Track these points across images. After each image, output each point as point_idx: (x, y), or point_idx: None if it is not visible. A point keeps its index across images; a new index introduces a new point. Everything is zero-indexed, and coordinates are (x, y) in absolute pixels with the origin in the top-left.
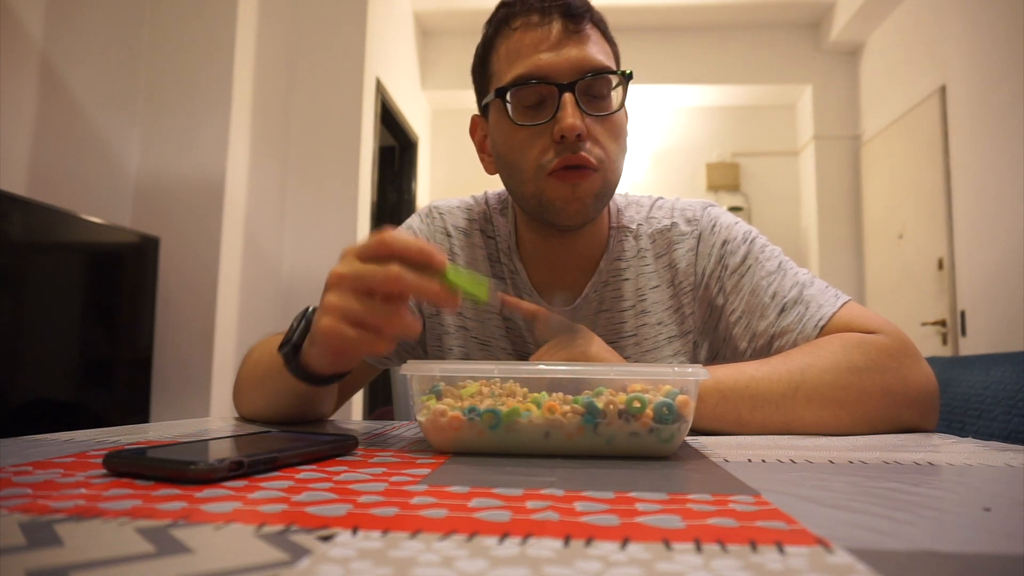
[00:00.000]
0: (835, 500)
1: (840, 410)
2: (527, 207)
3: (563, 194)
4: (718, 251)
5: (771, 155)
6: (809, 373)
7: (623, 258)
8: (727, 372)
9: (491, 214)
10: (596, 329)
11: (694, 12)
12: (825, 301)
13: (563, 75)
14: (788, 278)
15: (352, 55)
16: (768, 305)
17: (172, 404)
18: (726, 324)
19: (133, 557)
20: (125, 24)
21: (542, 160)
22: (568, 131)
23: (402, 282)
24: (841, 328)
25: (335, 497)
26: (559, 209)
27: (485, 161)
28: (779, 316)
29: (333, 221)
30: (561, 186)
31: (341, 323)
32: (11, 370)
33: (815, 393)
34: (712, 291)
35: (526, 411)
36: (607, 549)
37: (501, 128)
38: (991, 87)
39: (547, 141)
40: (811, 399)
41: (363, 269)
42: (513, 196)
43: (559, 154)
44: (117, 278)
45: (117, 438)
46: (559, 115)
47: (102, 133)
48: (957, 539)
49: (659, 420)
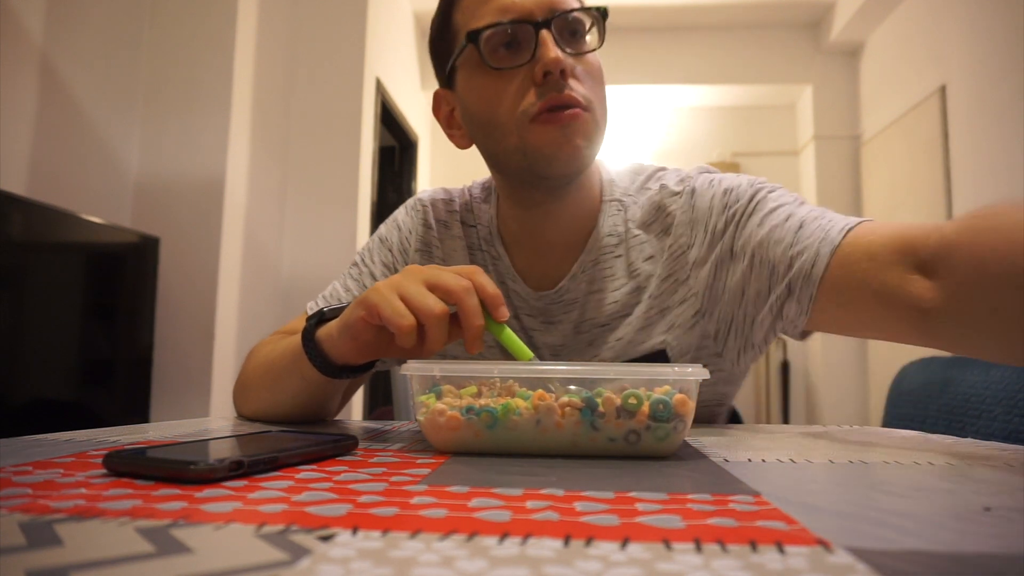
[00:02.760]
0: (835, 500)
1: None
2: (511, 164)
3: (552, 138)
4: (720, 201)
5: (771, 155)
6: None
7: (614, 232)
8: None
9: (472, 203)
10: (586, 311)
11: (694, 12)
12: (847, 219)
13: (536, 14)
14: (806, 207)
15: (352, 55)
16: (782, 227)
17: (172, 404)
18: (740, 277)
19: (133, 557)
20: (125, 24)
21: (523, 105)
22: (552, 65)
23: (466, 298)
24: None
25: (335, 497)
26: (549, 156)
27: (456, 136)
28: (796, 233)
29: (333, 221)
30: (549, 130)
31: (392, 291)
32: (11, 370)
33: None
34: (717, 247)
35: (517, 408)
36: (607, 549)
37: (473, 84)
38: (991, 87)
39: (527, 84)
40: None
41: (438, 272)
42: (495, 160)
43: (542, 95)
44: (117, 278)
45: (117, 438)
46: (539, 52)
47: (102, 133)
48: (957, 539)
49: (655, 417)
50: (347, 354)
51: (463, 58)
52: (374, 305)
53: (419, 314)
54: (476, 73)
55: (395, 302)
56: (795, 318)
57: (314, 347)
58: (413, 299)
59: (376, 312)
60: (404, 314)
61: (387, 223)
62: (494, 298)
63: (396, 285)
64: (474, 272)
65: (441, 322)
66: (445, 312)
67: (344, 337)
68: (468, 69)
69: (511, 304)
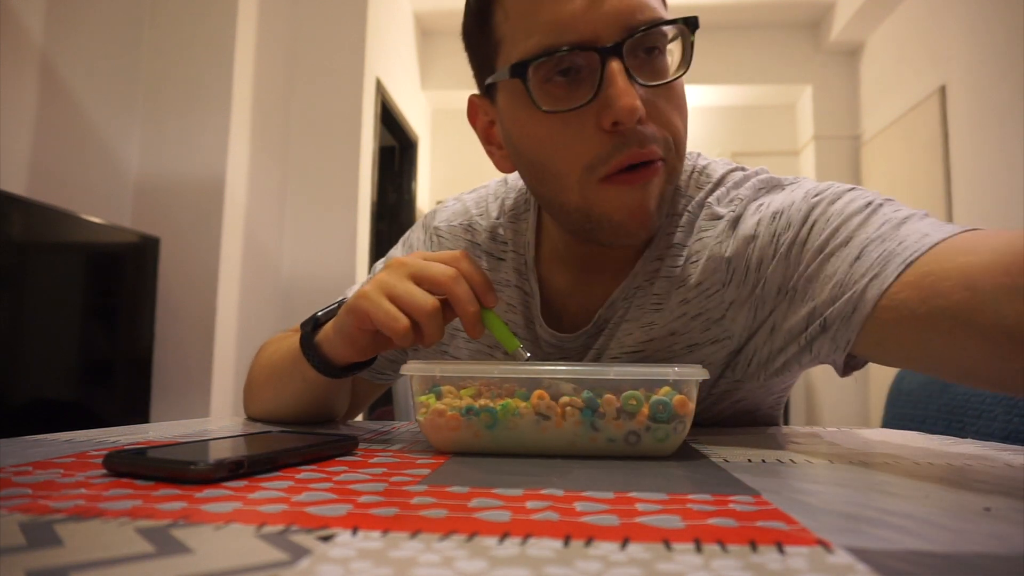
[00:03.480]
0: (835, 500)
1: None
2: (568, 223)
3: (625, 203)
4: (766, 229)
5: (771, 155)
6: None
7: (664, 256)
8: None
9: (501, 227)
10: (612, 343)
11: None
12: (924, 235)
13: (604, 34)
14: (877, 219)
15: (352, 55)
16: (838, 256)
17: (172, 404)
18: (777, 312)
19: (133, 557)
20: (125, 24)
21: (589, 159)
22: (626, 115)
23: (455, 287)
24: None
25: (335, 497)
26: (618, 224)
27: (496, 156)
28: (852, 267)
29: (333, 221)
30: (623, 193)
31: (380, 294)
32: (11, 370)
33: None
34: (760, 285)
35: (517, 408)
36: (607, 549)
37: (519, 116)
38: (991, 87)
39: (590, 129)
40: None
41: (423, 263)
42: (546, 207)
43: (618, 148)
44: (117, 278)
45: (117, 438)
46: (607, 93)
47: (102, 133)
48: (957, 539)
49: (654, 419)
50: (347, 356)
51: (504, 83)
52: (365, 312)
53: (411, 313)
54: (523, 107)
55: (385, 305)
56: (828, 355)
57: (313, 351)
58: (402, 298)
59: (368, 319)
60: (397, 316)
61: (403, 244)
62: (482, 284)
63: (383, 286)
64: (459, 259)
65: (435, 317)
66: (437, 307)
67: (341, 342)
68: (512, 96)
69: (541, 350)
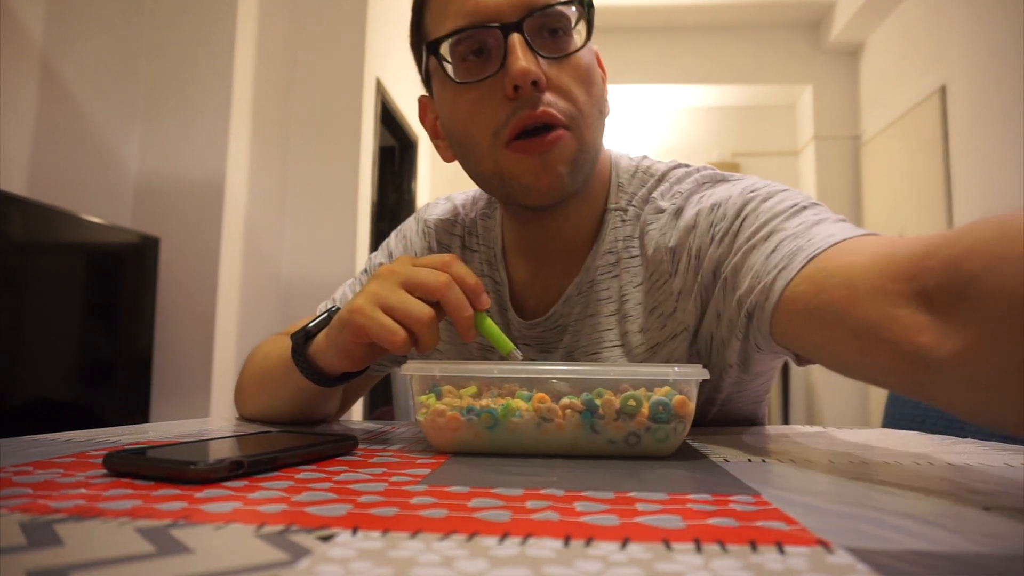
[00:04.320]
0: (835, 500)
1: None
2: (490, 189)
3: (529, 167)
4: (704, 219)
5: (771, 155)
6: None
7: (613, 250)
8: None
9: (477, 221)
10: (579, 337)
11: (694, 12)
12: (830, 235)
13: (506, 15)
14: (799, 218)
15: (352, 55)
16: (759, 248)
17: (172, 404)
18: (715, 300)
19: (133, 557)
20: (125, 24)
21: (495, 125)
22: (520, 77)
23: (448, 293)
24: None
25: (335, 497)
26: (527, 187)
27: (441, 147)
28: (768, 258)
29: (333, 221)
30: (525, 158)
31: (374, 306)
32: (11, 370)
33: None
34: (700, 273)
35: (517, 409)
36: (607, 549)
37: (444, 97)
38: (991, 87)
39: (498, 99)
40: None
41: (414, 270)
42: (474, 180)
43: (514, 113)
44: (117, 278)
45: (117, 438)
46: (507, 61)
47: (102, 133)
48: (956, 539)
49: (654, 419)
50: (342, 368)
51: (432, 67)
52: (360, 327)
53: (406, 323)
54: (446, 85)
55: (380, 318)
56: (765, 345)
57: (306, 363)
58: (397, 309)
59: (364, 333)
60: (393, 329)
61: (397, 234)
62: (474, 287)
63: (376, 297)
64: (450, 263)
65: (431, 327)
66: (432, 316)
67: (336, 354)
68: (439, 80)
69: (511, 335)
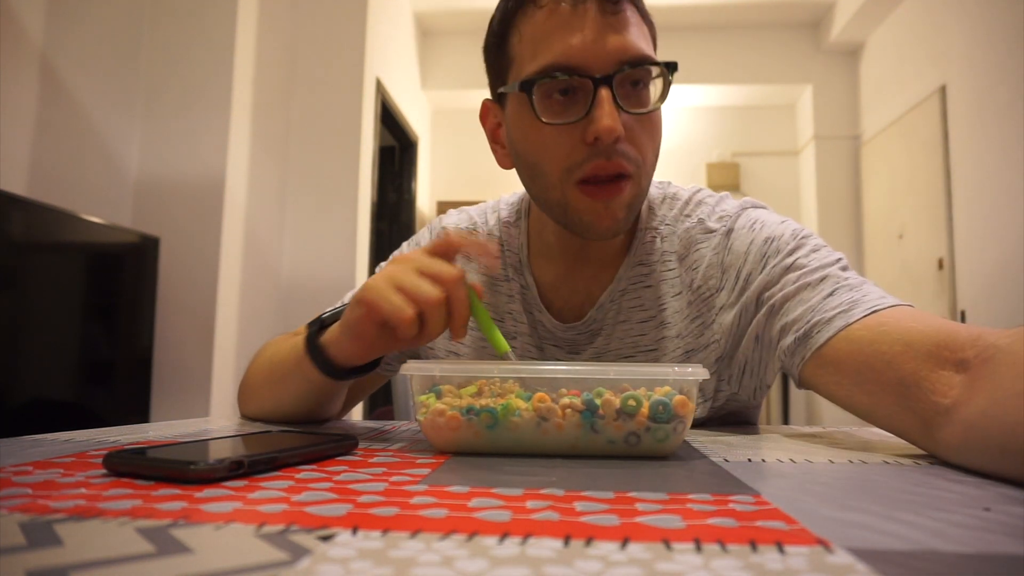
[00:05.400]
0: (835, 500)
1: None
2: (551, 214)
3: (593, 208)
4: (758, 250)
5: (771, 155)
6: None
7: (646, 262)
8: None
9: (500, 231)
10: (611, 343)
11: (694, 12)
12: (883, 296)
13: (599, 66)
14: (847, 273)
15: (352, 55)
16: (814, 288)
17: (172, 404)
18: (756, 323)
19: (133, 557)
20: (125, 24)
21: (570, 163)
22: (605, 134)
23: (456, 287)
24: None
25: (335, 497)
26: (588, 224)
27: (499, 153)
28: (824, 300)
29: (333, 221)
30: (591, 202)
31: (387, 285)
32: (11, 370)
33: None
34: (745, 294)
35: (517, 409)
36: (607, 549)
37: (521, 123)
38: (991, 87)
39: (576, 140)
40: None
41: (429, 260)
42: (535, 200)
43: (590, 158)
44: (117, 278)
45: (117, 438)
46: (594, 114)
47: (102, 133)
48: (957, 539)
49: (654, 419)
50: (353, 355)
51: (514, 94)
52: (373, 302)
53: (418, 302)
54: (526, 116)
55: (392, 295)
56: (788, 367)
57: (318, 351)
58: (410, 288)
59: (376, 308)
60: (403, 306)
61: (409, 243)
62: (479, 247)
63: (391, 277)
64: (450, 241)
65: (440, 308)
66: (442, 299)
67: (348, 338)
68: (518, 106)
69: (537, 335)
